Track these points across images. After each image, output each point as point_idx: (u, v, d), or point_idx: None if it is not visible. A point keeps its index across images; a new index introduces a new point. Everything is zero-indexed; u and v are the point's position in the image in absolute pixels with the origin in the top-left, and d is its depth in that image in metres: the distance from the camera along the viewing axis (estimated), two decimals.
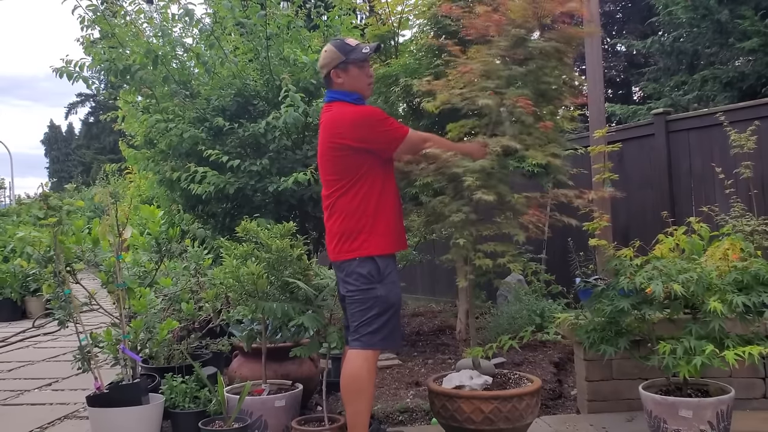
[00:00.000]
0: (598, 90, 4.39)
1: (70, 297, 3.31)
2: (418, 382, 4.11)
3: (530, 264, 3.14)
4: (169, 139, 5.11)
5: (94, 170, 32.29)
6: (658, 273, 2.83)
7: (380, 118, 2.90)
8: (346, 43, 3.00)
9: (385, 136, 2.89)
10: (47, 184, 3.49)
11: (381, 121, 2.90)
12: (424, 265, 6.63)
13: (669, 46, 10.50)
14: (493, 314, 5.40)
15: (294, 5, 5.75)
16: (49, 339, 6.73)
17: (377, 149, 2.89)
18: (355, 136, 2.84)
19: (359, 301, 2.83)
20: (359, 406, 2.79)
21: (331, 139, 2.89)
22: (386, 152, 2.94)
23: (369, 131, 2.86)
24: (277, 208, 5.11)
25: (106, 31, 5.21)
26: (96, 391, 3.25)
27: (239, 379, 3.59)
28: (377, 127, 2.87)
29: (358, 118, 2.88)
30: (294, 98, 4.71)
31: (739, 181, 3.84)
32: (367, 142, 2.85)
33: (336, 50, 2.96)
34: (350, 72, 2.95)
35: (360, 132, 2.85)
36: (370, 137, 2.86)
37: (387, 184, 2.93)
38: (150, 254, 5.07)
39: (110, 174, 15.26)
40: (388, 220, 2.88)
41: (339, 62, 2.94)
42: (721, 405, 2.74)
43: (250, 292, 3.26)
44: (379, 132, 2.87)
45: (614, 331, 3.03)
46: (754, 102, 4.95)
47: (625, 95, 16.29)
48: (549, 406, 3.73)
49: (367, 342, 2.81)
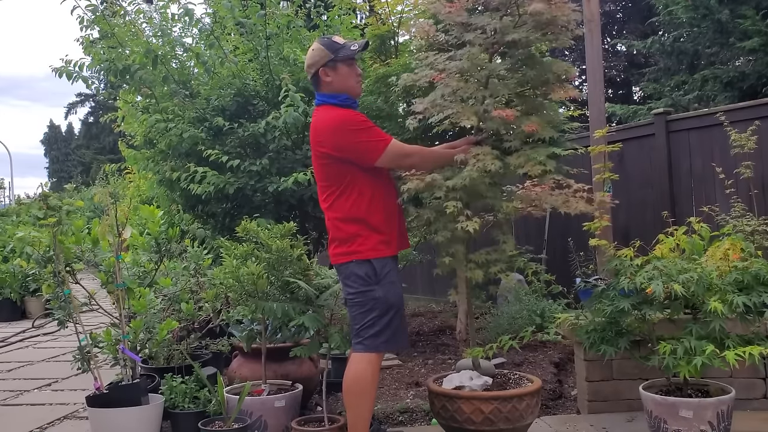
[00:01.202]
0: (599, 90, 4.39)
1: (69, 297, 3.30)
2: (418, 383, 4.11)
3: (530, 264, 3.13)
4: (168, 139, 5.11)
5: (93, 170, 32.31)
6: (659, 273, 2.83)
7: (358, 127, 2.79)
8: (334, 41, 2.92)
9: (364, 146, 2.78)
10: (47, 184, 3.49)
11: (359, 130, 2.79)
12: (424, 265, 6.63)
13: (669, 46, 10.49)
14: (493, 314, 5.40)
15: (294, 5, 5.75)
16: (49, 339, 6.73)
17: (354, 159, 2.80)
18: (333, 145, 2.78)
19: (359, 303, 2.80)
20: (361, 409, 2.77)
21: (315, 147, 2.87)
22: (363, 162, 2.82)
23: (346, 140, 2.77)
24: (277, 208, 5.11)
25: (106, 31, 5.21)
26: (96, 391, 3.25)
27: (239, 379, 3.59)
28: (355, 137, 2.78)
29: (335, 124, 2.80)
30: (294, 98, 4.71)
31: (740, 181, 3.84)
32: (343, 151, 2.77)
33: (324, 48, 2.88)
34: (339, 70, 2.88)
35: (336, 139, 2.78)
36: (345, 146, 2.77)
37: (378, 189, 2.86)
38: (150, 254, 5.07)
39: (110, 174, 15.26)
40: (382, 224, 2.82)
41: (327, 60, 2.87)
42: (722, 405, 2.74)
43: (250, 292, 3.26)
44: (357, 141, 2.77)
45: (614, 332, 3.02)
46: (754, 102, 4.95)
47: (626, 95, 16.29)
48: (549, 407, 3.72)
49: (370, 345, 2.78)
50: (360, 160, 2.81)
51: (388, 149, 2.80)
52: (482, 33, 2.87)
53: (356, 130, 2.78)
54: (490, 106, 2.85)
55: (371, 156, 2.79)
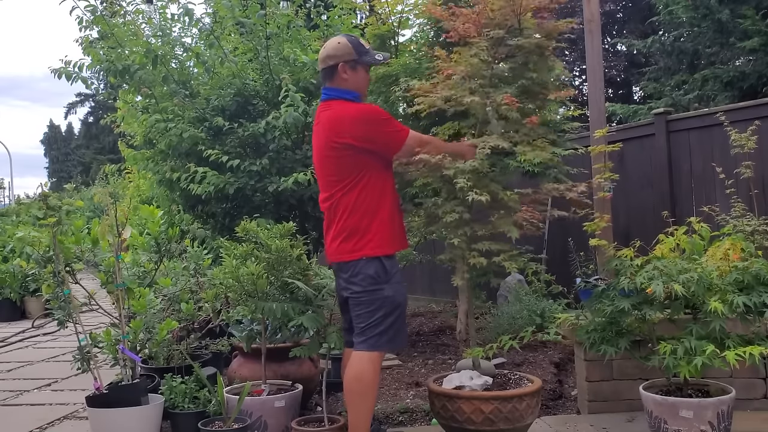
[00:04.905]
0: (599, 90, 4.38)
1: (69, 297, 3.30)
2: (418, 383, 4.11)
3: (530, 264, 3.13)
4: (168, 139, 5.10)
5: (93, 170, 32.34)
6: (659, 273, 2.83)
7: (384, 118, 2.86)
8: (362, 42, 2.94)
9: (389, 137, 2.85)
10: (46, 184, 3.49)
11: (385, 120, 2.86)
12: (424, 265, 6.62)
13: (669, 46, 10.50)
14: (493, 314, 5.40)
15: (294, 5, 5.74)
16: (49, 339, 6.72)
17: (379, 150, 2.85)
18: (358, 135, 2.78)
19: (366, 302, 2.78)
20: (362, 408, 2.76)
21: (333, 138, 2.82)
22: (388, 153, 2.90)
23: (373, 130, 2.81)
24: (276, 208, 5.11)
25: (105, 31, 5.20)
26: (95, 391, 3.25)
27: (239, 379, 3.58)
28: (381, 127, 2.83)
29: (362, 115, 2.83)
30: (294, 98, 4.71)
31: (740, 181, 3.83)
32: (369, 142, 2.80)
33: (351, 46, 2.89)
34: (358, 72, 2.91)
35: (363, 130, 2.80)
36: (373, 137, 2.81)
37: (387, 184, 2.90)
38: (149, 254, 5.08)
39: (110, 174, 15.25)
40: (390, 220, 2.85)
41: (350, 59, 2.88)
42: (722, 405, 2.73)
43: (249, 292, 3.26)
44: (383, 132, 2.83)
45: (615, 332, 3.02)
46: (754, 102, 4.94)
47: (626, 95, 16.30)
48: (549, 407, 3.72)
49: (374, 344, 2.78)
50: (386, 150, 2.88)
51: (409, 138, 2.89)
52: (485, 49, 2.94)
53: (383, 120, 2.86)
54: (493, 108, 2.89)
55: (396, 146, 2.87)
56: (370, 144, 2.81)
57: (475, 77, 2.96)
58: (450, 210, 2.91)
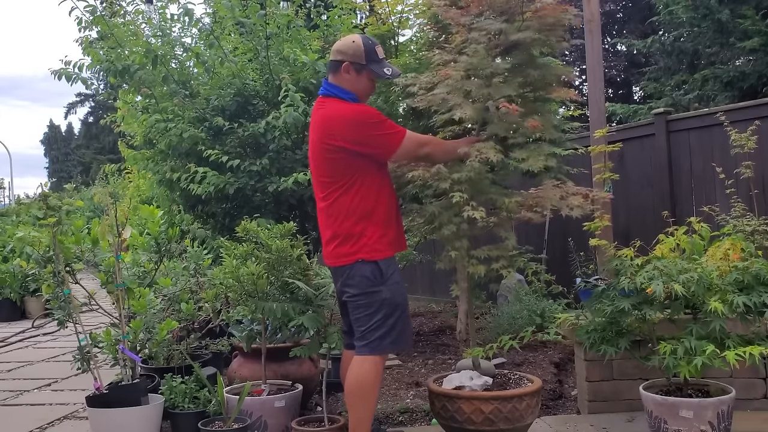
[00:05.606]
0: (599, 90, 4.39)
1: (69, 297, 3.30)
2: (418, 383, 4.11)
3: (530, 264, 3.13)
4: (168, 139, 5.10)
5: (93, 170, 32.34)
6: (659, 273, 2.83)
7: (378, 120, 2.77)
8: (376, 51, 2.88)
9: (383, 140, 2.76)
10: (46, 184, 3.49)
11: (378, 123, 2.76)
12: (424, 265, 6.63)
13: (669, 46, 10.50)
14: (493, 314, 5.40)
15: (294, 5, 5.74)
16: (49, 339, 6.72)
17: (373, 153, 2.78)
18: (349, 138, 2.72)
19: (364, 305, 2.76)
20: (363, 410, 2.75)
21: (325, 139, 2.76)
22: (383, 157, 2.82)
23: (365, 133, 2.73)
24: (277, 208, 5.11)
25: (105, 31, 5.20)
26: (95, 391, 3.25)
27: (239, 379, 3.58)
28: (374, 130, 2.74)
29: (353, 117, 2.75)
30: (294, 98, 4.70)
31: (740, 181, 3.83)
32: (362, 145, 2.73)
33: (363, 50, 2.84)
34: (362, 77, 2.85)
35: (355, 133, 2.72)
36: (366, 140, 2.73)
37: (383, 186, 2.84)
38: (149, 254, 5.08)
39: (110, 174, 15.26)
40: (386, 223, 2.80)
41: (357, 62, 2.83)
42: (722, 405, 2.74)
43: (250, 292, 3.26)
44: (376, 136, 2.74)
45: (615, 332, 3.02)
46: (754, 102, 4.94)
47: (626, 95, 16.30)
48: (549, 407, 3.72)
49: (376, 347, 2.75)
50: (380, 153, 2.80)
51: (405, 140, 2.79)
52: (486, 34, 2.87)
53: (375, 123, 2.76)
54: (493, 106, 2.85)
55: (391, 149, 2.78)
56: (362, 147, 2.73)
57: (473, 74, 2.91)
58: (447, 221, 2.85)
